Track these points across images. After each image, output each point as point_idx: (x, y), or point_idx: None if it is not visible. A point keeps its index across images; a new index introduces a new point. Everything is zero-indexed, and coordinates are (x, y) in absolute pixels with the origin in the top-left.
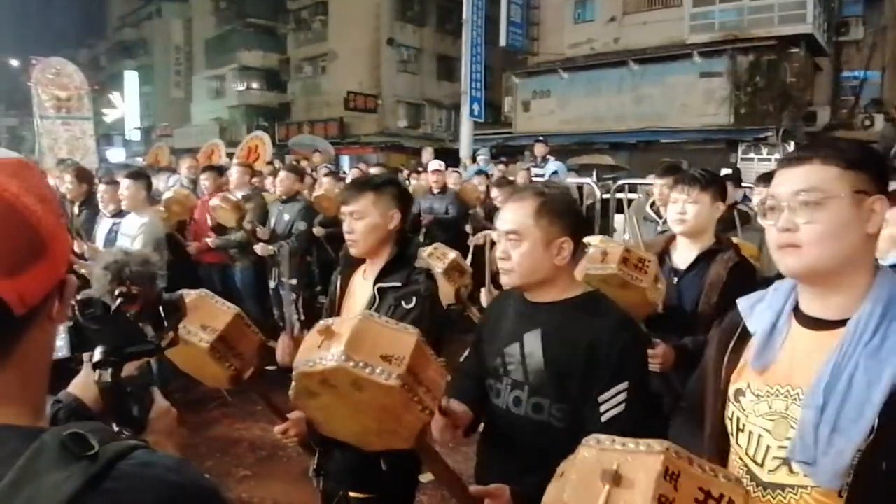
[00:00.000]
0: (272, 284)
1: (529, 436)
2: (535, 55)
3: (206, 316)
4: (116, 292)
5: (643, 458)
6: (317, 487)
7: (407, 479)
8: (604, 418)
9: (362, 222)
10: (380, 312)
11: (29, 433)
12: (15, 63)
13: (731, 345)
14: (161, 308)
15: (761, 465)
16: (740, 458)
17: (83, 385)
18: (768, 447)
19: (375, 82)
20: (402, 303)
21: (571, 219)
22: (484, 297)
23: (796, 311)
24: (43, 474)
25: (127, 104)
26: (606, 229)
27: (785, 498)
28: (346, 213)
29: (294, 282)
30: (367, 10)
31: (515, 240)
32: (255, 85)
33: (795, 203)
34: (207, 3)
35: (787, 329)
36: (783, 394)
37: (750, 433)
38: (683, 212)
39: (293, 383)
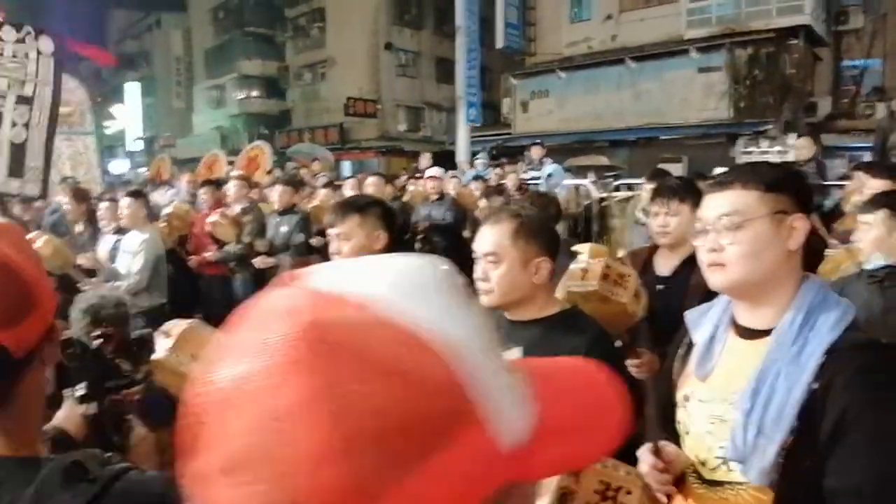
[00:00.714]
0: None
1: None
2: (533, 55)
3: (196, 345)
4: (95, 333)
5: None
6: None
7: None
8: None
9: (349, 244)
10: None
11: (34, 463)
12: None
13: (680, 354)
14: (133, 344)
15: (704, 465)
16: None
17: (65, 417)
18: (710, 448)
19: (374, 87)
20: None
21: (547, 239)
22: None
23: (734, 321)
24: (52, 497)
25: (129, 115)
26: (604, 229)
27: (724, 494)
28: (332, 235)
29: None
30: (365, 16)
31: (494, 261)
32: (255, 93)
33: (719, 226)
34: (206, 14)
35: (725, 339)
36: (721, 399)
37: (695, 435)
38: (665, 225)
39: None
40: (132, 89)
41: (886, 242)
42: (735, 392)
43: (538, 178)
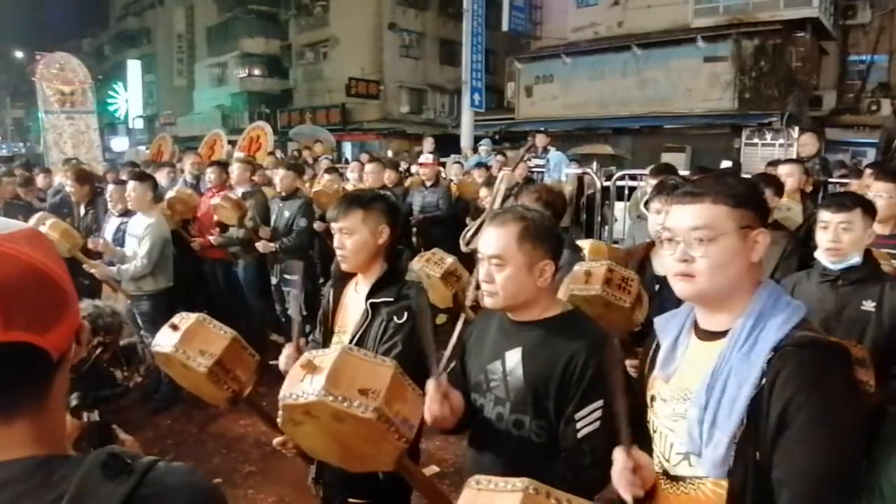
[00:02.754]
0: (274, 280)
1: (511, 450)
2: (538, 39)
3: (204, 341)
4: (94, 342)
5: (506, 497)
6: (316, 494)
7: (405, 485)
8: (579, 434)
9: (352, 238)
10: (373, 327)
11: (70, 460)
12: (20, 55)
13: (650, 357)
14: (124, 353)
15: (668, 461)
16: (655, 456)
17: None
18: (672, 444)
19: (377, 68)
20: (395, 318)
21: (552, 242)
22: (469, 296)
23: (695, 325)
24: (96, 489)
25: (130, 93)
26: (607, 218)
27: (686, 488)
28: (335, 229)
29: (296, 277)
30: None
31: (499, 264)
32: (256, 72)
33: (691, 238)
34: None
35: (688, 341)
36: (682, 397)
37: (660, 433)
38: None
39: (280, 412)
40: (133, 67)
41: (861, 242)
42: (693, 390)
43: (542, 166)
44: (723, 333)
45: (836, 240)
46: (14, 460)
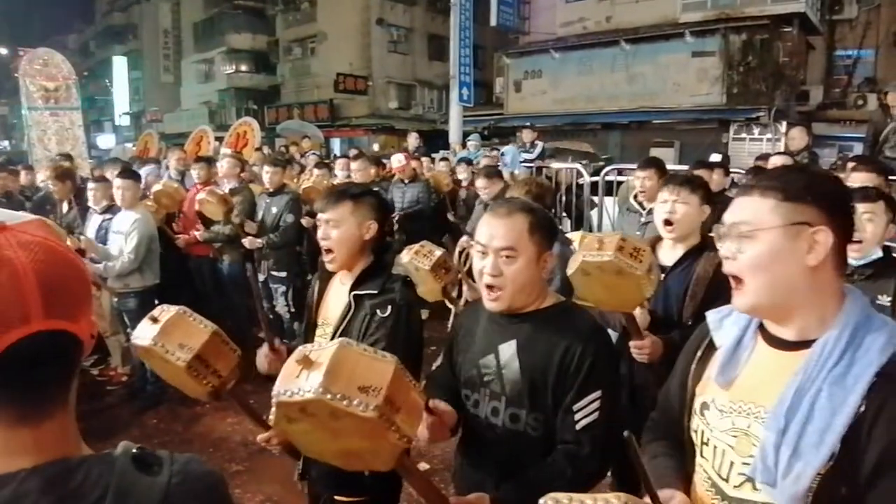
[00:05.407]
0: (261, 277)
1: (507, 445)
2: (527, 34)
3: (184, 335)
4: None
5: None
6: (302, 491)
7: (392, 482)
8: (578, 426)
9: (338, 230)
10: (356, 320)
11: (96, 458)
12: (3, 51)
13: (698, 357)
14: None
15: (726, 480)
16: (705, 471)
17: None
18: (732, 463)
19: (365, 63)
20: (378, 311)
21: (553, 232)
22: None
23: (762, 327)
24: (135, 485)
25: (116, 90)
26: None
27: None
28: (322, 220)
29: (283, 274)
30: None
31: (511, 256)
32: (243, 68)
33: (733, 233)
34: None
35: (753, 345)
36: (746, 411)
37: (714, 447)
38: (673, 211)
39: (272, 410)
40: (119, 63)
41: (883, 236)
42: (762, 406)
43: (531, 161)
44: (800, 344)
45: (860, 229)
46: (48, 463)
